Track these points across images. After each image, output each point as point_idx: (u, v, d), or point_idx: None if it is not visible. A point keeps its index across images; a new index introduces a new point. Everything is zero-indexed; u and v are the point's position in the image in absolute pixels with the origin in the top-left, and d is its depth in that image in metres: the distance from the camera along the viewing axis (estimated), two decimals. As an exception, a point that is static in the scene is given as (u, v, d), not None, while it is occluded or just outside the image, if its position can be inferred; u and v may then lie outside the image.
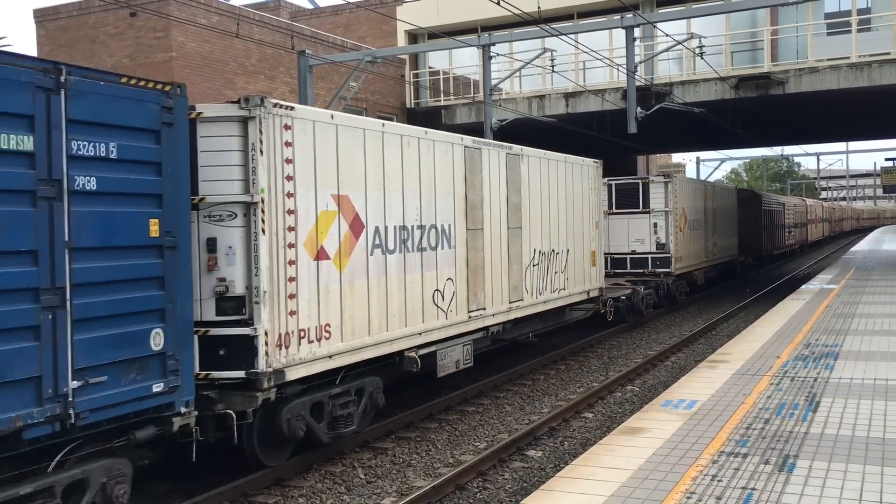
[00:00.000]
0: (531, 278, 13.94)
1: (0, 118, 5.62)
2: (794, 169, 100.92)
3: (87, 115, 6.23)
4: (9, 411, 5.54)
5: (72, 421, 6.03)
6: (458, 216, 11.62)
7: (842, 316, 14.75)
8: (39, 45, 23.90)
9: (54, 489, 6.03)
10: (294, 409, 8.48)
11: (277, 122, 8.31)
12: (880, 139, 52.17)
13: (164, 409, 6.87)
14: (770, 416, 7.75)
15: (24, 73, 5.76)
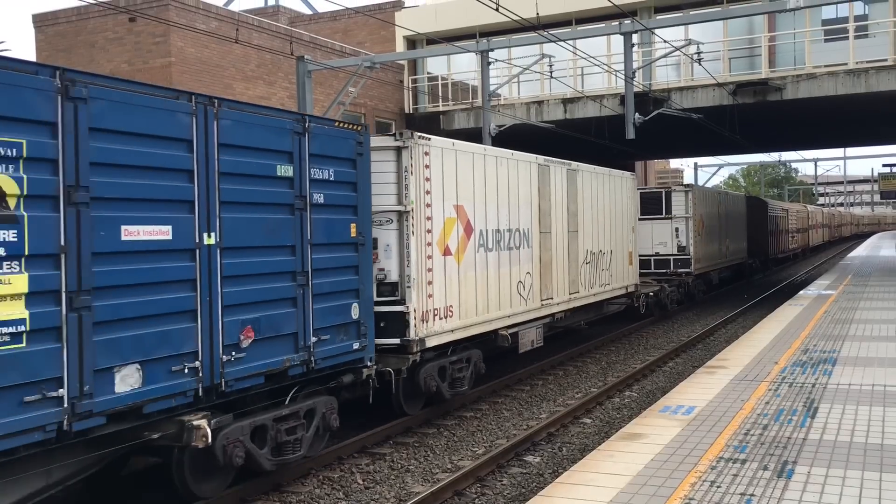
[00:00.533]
0: (585, 274, 16.51)
1: (277, 154, 8.23)
2: (792, 175, 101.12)
3: (318, 150, 8.76)
4: (281, 355, 8.19)
5: (312, 365, 8.57)
6: (533, 222, 14.19)
7: (840, 322, 14.77)
8: (38, 50, 23.91)
9: (299, 413, 8.58)
10: (428, 371, 11.01)
11: (420, 150, 10.83)
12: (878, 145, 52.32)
13: (357, 363, 9.44)
14: (768, 422, 7.76)
15: (288, 124, 8.43)
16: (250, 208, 7.92)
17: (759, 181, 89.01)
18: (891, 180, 38.30)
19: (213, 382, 7.36)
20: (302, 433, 8.56)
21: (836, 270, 29.88)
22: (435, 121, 28.89)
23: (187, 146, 7.20)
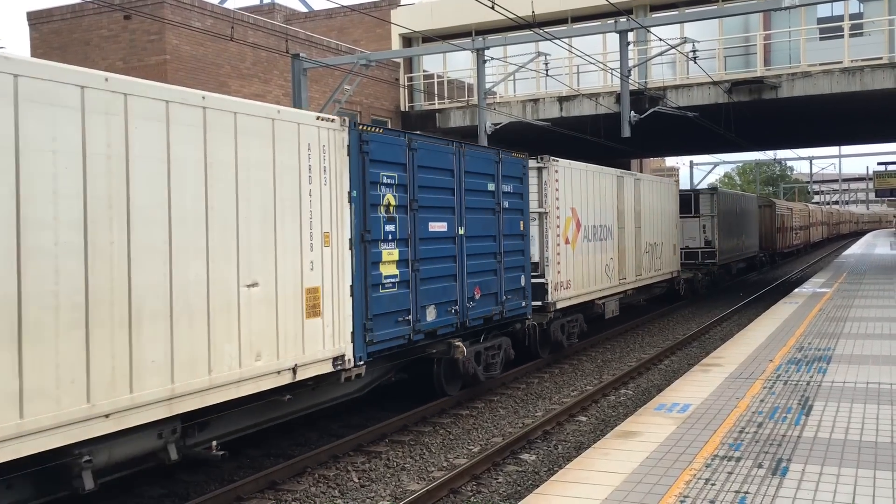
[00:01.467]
0: (646, 261, 21.27)
1: (487, 176, 12.73)
2: (787, 173, 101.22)
3: (505, 172, 13.24)
4: (490, 307, 12.66)
5: (503, 315, 13.05)
6: (614, 219, 18.90)
7: (834, 320, 14.80)
8: (33, 48, 23.84)
9: (495, 345, 12.98)
10: (555, 325, 15.61)
11: (552, 168, 15.53)
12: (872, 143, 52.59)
13: (523, 316, 13.84)
14: (763, 420, 7.77)
15: (493, 156, 13.05)
16: (477, 211, 12.43)
17: (754, 179, 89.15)
18: (886, 178, 38.37)
19: (461, 320, 11.88)
20: (497, 359, 13.03)
21: (830, 268, 29.95)
22: (431, 119, 28.87)
23: (451, 174, 11.82)
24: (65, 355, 6.25)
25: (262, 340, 8.13)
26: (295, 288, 8.61)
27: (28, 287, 6.03)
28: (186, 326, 7.27)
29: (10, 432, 5.87)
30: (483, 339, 12.73)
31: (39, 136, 6.18)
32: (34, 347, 6.04)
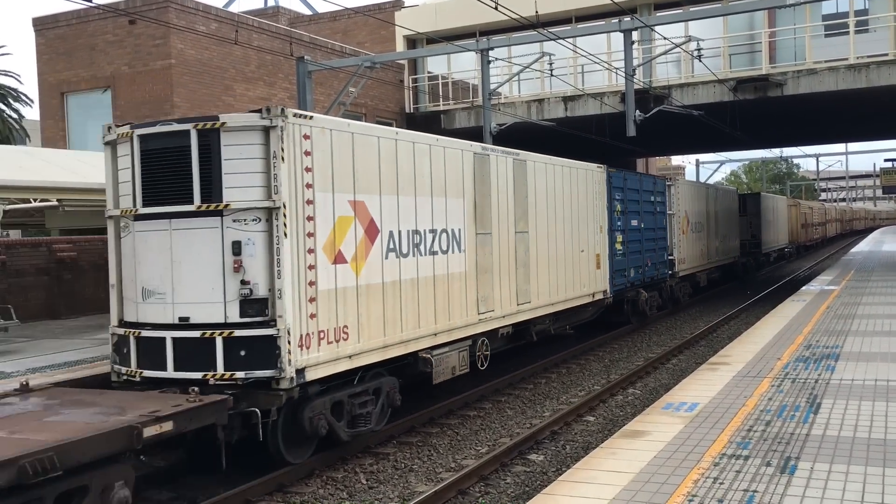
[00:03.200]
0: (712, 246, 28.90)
1: (653, 193, 21.23)
2: (794, 170, 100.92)
3: (658, 188, 21.72)
4: (653, 273, 21.02)
5: (656, 276, 21.18)
6: (702, 218, 26.95)
7: (842, 317, 14.75)
8: (38, 54, 23.94)
9: (655, 294, 21.11)
10: (676, 287, 22.99)
11: (677, 185, 23.87)
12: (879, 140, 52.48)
13: (665, 278, 21.82)
14: (771, 418, 7.75)
15: (659, 184, 22.71)
16: (647, 213, 20.24)
17: (760, 177, 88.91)
18: (893, 175, 38.22)
19: (643, 278, 19.49)
20: (655, 303, 21.07)
21: (838, 266, 29.84)
22: (436, 120, 28.88)
23: (637, 192, 19.84)
24: (519, 284, 13.66)
25: (583, 279, 16.57)
26: (592, 253, 17.14)
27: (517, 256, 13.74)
28: (558, 272, 15.26)
29: (511, 311, 13.43)
30: (648, 290, 20.61)
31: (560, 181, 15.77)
32: (521, 279, 13.69)
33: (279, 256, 8.34)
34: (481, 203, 12.37)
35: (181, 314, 8.59)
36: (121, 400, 7.90)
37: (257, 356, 8.28)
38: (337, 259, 9.14)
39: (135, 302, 9.03)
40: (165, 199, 8.67)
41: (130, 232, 9.10)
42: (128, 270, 9.21)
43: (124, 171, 9.11)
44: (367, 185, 9.71)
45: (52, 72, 23.58)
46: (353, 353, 9.29)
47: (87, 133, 23.79)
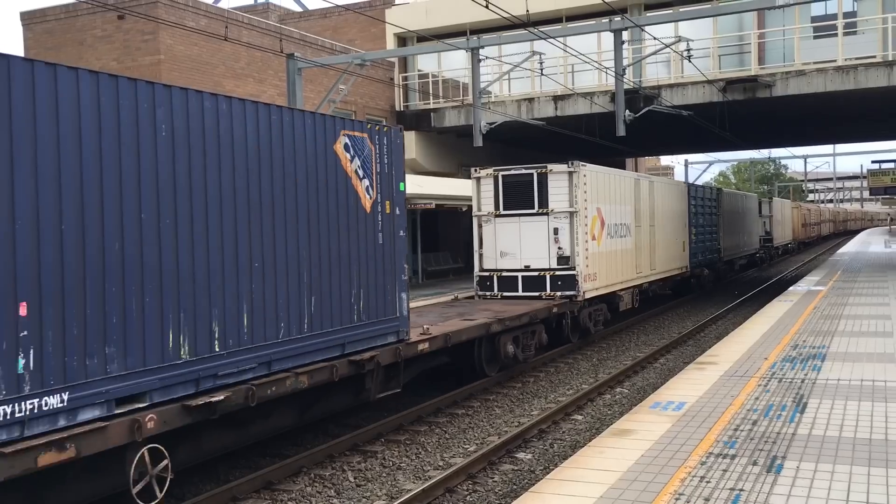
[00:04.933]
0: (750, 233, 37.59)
1: (711, 200, 29.65)
2: (782, 171, 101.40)
3: (715, 196, 30.34)
4: (704, 258, 28.22)
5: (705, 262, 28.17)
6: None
7: (829, 317, 14.84)
8: (27, 48, 23.78)
9: (701, 275, 27.45)
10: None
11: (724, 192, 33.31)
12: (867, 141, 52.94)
13: (716, 261, 30.15)
14: (758, 418, 7.79)
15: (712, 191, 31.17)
16: (706, 215, 27.95)
17: (749, 178, 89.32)
18: (879, 176, 38.48)
19: (703, 260, 27.46)
20: (711, 278, 29.02)
21: (825, 266, 30.02)
22: (426, 118, 28.87)
23: (701, 199, 27.95)
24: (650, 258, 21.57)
25: (677, 258, 24.04)
26: (681, 241, 24.45)
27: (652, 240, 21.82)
28: (666, 252, 22.96)
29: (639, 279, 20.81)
30: (707, 269, 27.99)
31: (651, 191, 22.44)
32: (651, 255, 21.62)
33: (575, 235, 16.44)
34: (636, 208, 20.50)
35: (525, 264, 16.76)
36: (505, 304, 15.66)
37: (566, 284, 16.40)
38: (593, 237, 17.12)
39: (494, 259, 17.10)
40: (516, 207, 16.88)
41: (492, 223, 17.12)
42: (488, 243, 17.12)
43: (486, 193, 17.14)
44: (602, 198, 17.90)
45: (39, 66, 23.42)
46: (597, 287, 17.33)
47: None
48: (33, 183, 6.33)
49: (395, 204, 10.80)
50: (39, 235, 6.36)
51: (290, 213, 8.98)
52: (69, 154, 6.62)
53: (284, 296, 8.85)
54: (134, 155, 7.18)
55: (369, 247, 10.30)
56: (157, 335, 7.33)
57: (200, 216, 7.83)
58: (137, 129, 7.21)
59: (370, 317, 10.27)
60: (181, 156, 7.64)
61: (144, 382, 7.18)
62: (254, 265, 8.47)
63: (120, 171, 7.05)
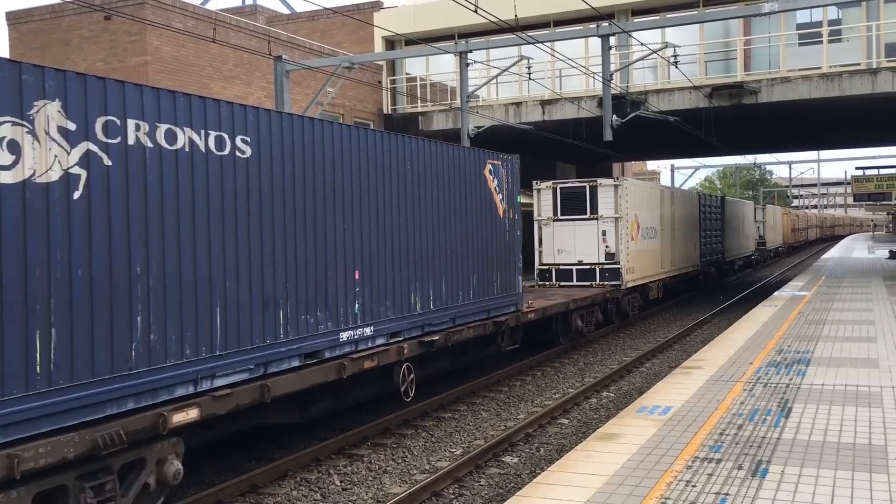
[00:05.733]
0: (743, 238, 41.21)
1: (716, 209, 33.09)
2: (767, 177, 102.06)
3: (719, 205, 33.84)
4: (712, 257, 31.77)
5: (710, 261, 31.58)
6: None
7: (813, 322, 14.94)
8: (12, 48, 23.62)
9: (707, 272, 31.08)
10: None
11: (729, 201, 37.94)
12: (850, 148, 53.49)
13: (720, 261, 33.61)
14: (743, 422, 7.83)
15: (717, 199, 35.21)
16: (712, 220, 31.36)
17: (734, 183, 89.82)
18: (863, 183, 38.77)
19: (709, 260, 30.74)
20: (715, 275, 32.56)
21: (809, 272, 30.22)
22: (413, 122, 28.87)
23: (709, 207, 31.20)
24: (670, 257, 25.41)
25: (690, 257, 27.88)
26: (693, 243, 28.52)
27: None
28: (683, 251, 26.83)
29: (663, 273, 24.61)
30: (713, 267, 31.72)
31: None
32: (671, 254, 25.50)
33: (619, 236, 19.96)
34: (661, 213, 23.99)
35: (579, 259, 20.26)
36: (565, 291, 18.91)
37: (612, 276, 19.97)
38: (631, 238, 20.57)
39: (552, 255, 20.47)
40: (571, 213, 20.33)
41: (551, 226, 20.50)
42: (547, 242, 20.40)
43: (545, 201, 20.45)
44: (638, 206, 21.43)
45: (25, 67, 23.26)
46: (634, 279, 21.01)
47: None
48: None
49: (515, 212, 14.61)
50: (369, 236, 10.38)
51: (463, 216, 12.77)
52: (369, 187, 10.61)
53: (463, 274, 12.72)
54: (388, 184, 10.87)
55: (501, 242, 14.05)
56: (407, 296, 11.21)
57: (431, 220, 11.93)
58: (392, 166, 10.98)
59: (502, 292, 14.02)
60: (410, 180, 11.41)
61: (402, 325, 11.07)
62: (447, 252, 12.26)
63: (395, 197, 11.07)
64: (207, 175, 7.80)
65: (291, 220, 8.95)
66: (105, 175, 6.77)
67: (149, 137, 7.17)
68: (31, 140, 6.21)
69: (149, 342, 7.11)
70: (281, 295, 8.74)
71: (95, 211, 6.67)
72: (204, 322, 7.72)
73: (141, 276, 7.07)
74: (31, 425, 6.09)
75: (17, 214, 6.08)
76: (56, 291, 6.34)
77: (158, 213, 7.25)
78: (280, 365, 8.68)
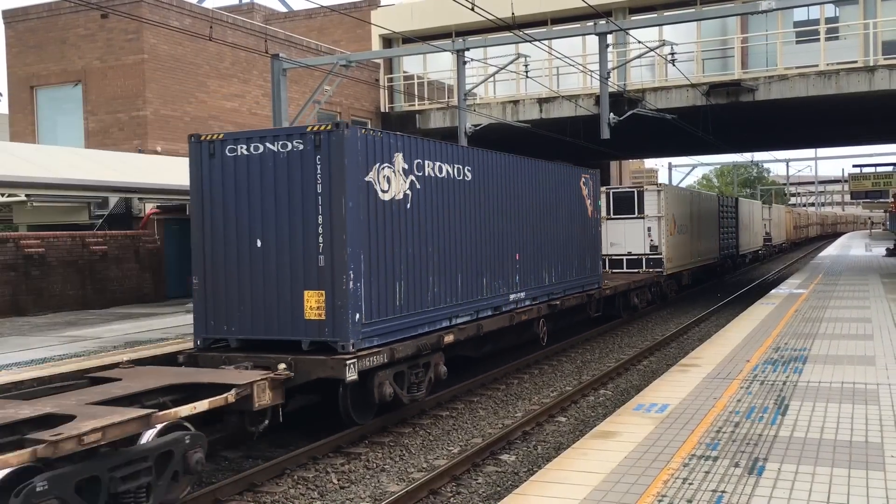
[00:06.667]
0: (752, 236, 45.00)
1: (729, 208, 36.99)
2: (764, 175, 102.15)
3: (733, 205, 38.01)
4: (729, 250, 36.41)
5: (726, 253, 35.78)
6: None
7: (810, 320, 14.96)
8: (8, 46, 23.57)
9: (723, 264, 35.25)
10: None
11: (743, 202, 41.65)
12: (848, 146, 53.59)
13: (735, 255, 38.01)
14: (740, 420, 7.84)
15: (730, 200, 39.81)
16: (728, 219, 35.51)
17: (732, 181, 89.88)
18: (861, 181, 38.82)
19: (726, 253, 34.92)
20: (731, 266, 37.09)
21: (807, 269, 30.25)
22: (411, 120, 28.85)
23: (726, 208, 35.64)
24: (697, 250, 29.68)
25: (711, 249, 31.89)
26: (714, 238, 32.67)
27: None
28: (705, 245, 30.84)
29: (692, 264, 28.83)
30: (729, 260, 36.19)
31: None
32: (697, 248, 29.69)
33: (661, 231, 23.93)
34: (691, 212, 28.15)
35: (628, 251, 24.27)
36: (617, 277, 22.69)
37: (655, 264, 24.11)
38: (670, 233, 24.36)
39: (606, 247, 23.06)
40: (622, 213, 24.41)
41: (605, 224, 23.10)
42: (602, 237, 20.66)
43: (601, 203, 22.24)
44: (674, 207, 25.44)
45: (21, 65, 23.22)
46: (672, 267, 24.93)
47: (57, 127, 23.47)
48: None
49: (597, 212, 19.38)
50: (521, 231, 14.79)
51: (569, 216, 17.33)
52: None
53: (569, 258, 17.22)
54: (528, 194, 15.25)
55: (590, 235, 18.74)
56: (540, 272, 15.68)
57: (551, 219, 16.39)
58: (529, 181, 15.43)
59: (590, 273, 18.62)
60: (539, 191, 15.85)
61: (538, 292, 15.52)
62: (560, 242, 16.64)
63: (531, 204, 15.48)
64: (454, 191, 12.31)
65: (487, 221, 13.35)
66: (418, 194, 11.26)
67: (432, 170, 11.65)
68: (393, 176, 10.67)
69: (434, 293, 11.65)
70: (485, 267, 13.28)
71: (414, 214, 11.14)
72: (454, 282, 12.26)
73: (432, 254, 11.61)
74: (393, 336, 10.66)
75: (388, 216, 10.56)
76: (401, 261, 10.84)
77: (437, 215, 11.77)
78: (483, 312, 13.23)
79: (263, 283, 10.11)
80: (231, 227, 10.28)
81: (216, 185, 10.36)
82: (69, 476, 6.14)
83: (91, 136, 22.29)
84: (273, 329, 10.12)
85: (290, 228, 10.00)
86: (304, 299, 9.90)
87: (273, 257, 10.09)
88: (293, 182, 9.98)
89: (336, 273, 9.76)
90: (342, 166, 9.71)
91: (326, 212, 9.78)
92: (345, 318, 9.72)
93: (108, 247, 19.22)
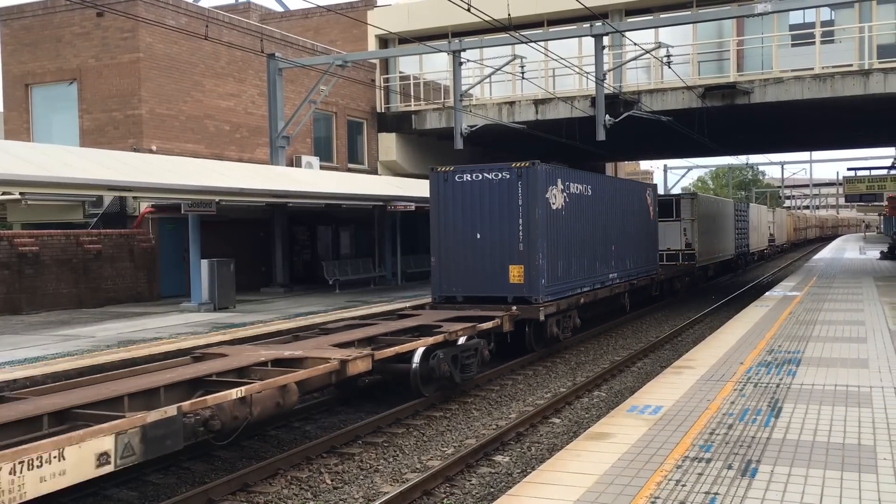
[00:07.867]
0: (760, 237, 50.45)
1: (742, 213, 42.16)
2: (759, 177, 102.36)
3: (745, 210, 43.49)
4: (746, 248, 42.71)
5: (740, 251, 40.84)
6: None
7: (804, 323, 14.98)
8: (3, 45, 23.50)
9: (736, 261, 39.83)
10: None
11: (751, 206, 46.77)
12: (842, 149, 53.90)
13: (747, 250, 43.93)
14: (733, 422, 7.85)
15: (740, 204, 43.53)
16: (741, 221, 39.99)
17: (727, 183, 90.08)
18: (855, 184, 38.93)
19: (739, 250, 39.47)
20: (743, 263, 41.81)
21: (801, 272, 30.33)
22: (406, 120, 28.85)
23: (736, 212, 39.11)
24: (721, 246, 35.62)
25: (729, 247, 36.96)
26: (731, 237, 37.45)
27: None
28: (726, 242, 36.36)
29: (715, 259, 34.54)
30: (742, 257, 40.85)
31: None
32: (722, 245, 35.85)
33: (694, 232, 29.49)
34: (714, 215, 32.76)
35: (667, 247, 28.92)
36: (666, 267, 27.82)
37: (689, 258, 29.56)
38: (700, 232, 29.94)
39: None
40: (662, 216, 27.54)
41: None
42: None
43: None
44: (704, 211, 30.84)
45: (16, 63, 23.16)
46: (702, 261, 30.43)
47: (52, 126, 23.40)
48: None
49: (656, 216, 24.26)
50: (612, 230, 20.03)
51: (638, 219, 22.23)
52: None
53: (639, 249, 22.21)
54: (614, 202, 20.32)
55: (652, 233, 23.95)
56: (623, 259, 20.74)
57: (628, 221, 21.39)
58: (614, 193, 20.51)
59: (651, 262, 23.64)
60: (621, 200, 20.94)
61: (623, 274, 20.77)
62: (633, 237, 21.41)
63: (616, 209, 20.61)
64: (583, 203, 17.69)
65: (598, 222, 18.72)
66: (568, 205, 16.74)
67: (575, 189, 17.00)
68: (557, 194, 16.06)
69: (574, 269, 17.24)
70: (598, 253, 18.69)
71: (567, 219, 16.70)
72: (582, 263, 17.79)
73: (574, 244, 17.17)
74: (556, 295, 16.31)
75: (555, 219, 16.14)
76: (561, 247, 16.46)
77: (576, 218, 17.30)
78: (596, 285, 18.71)
79: (482, 260, 15.84)
80: (458, 225, 15.96)
81: (448, 199, 15.95)
82: (448, 352, 12.10)
83: (86, 134, 22.24)
84: (489, 289, 15.85)
85: (500, 226, 15.69)
86: (509, 270, 15.62)
87: (488, 244, 15.84)
88: (502, 197, 15.63)
89: (531, 254, 15.55)
90: (536, 188, 15.47)
91: (525, 216, 15.55)
92: (537, 282, 15.54)
93: (103, 245, 19.17)
